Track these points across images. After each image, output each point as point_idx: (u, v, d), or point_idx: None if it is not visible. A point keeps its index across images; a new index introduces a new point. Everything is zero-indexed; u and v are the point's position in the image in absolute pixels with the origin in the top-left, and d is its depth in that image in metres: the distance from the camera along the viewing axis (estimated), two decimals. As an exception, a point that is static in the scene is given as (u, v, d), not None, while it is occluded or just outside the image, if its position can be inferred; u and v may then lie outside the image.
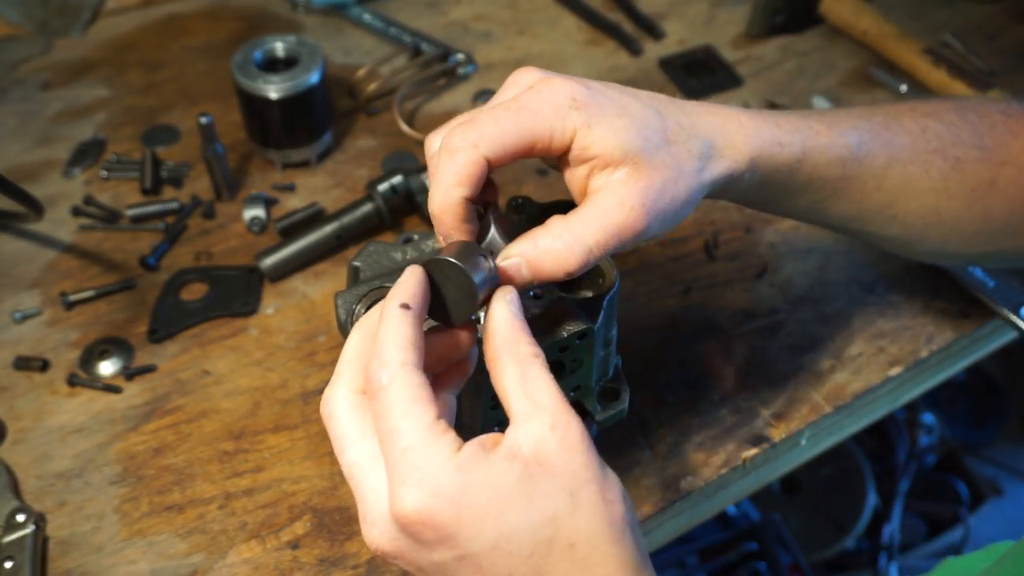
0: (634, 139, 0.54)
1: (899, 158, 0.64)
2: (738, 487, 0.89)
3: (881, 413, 0.98)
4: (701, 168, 0.57)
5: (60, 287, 0.94)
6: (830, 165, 0.62)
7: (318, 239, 0.96)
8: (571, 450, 0.48)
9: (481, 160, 0.53)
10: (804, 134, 0.61)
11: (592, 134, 0.54)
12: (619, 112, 0.55)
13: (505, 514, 0.46)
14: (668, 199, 0.55)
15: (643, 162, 0.54)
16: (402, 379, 0.48)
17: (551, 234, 0.54)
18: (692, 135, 0.57)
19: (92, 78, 1.17)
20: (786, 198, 0.64)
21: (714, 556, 1.55)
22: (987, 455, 1.97)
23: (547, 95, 0.54)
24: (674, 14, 1.29)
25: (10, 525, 0.75)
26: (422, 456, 0.46)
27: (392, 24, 1.25)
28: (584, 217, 0.54)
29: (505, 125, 0.53)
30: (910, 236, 0.68)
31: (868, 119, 0.65)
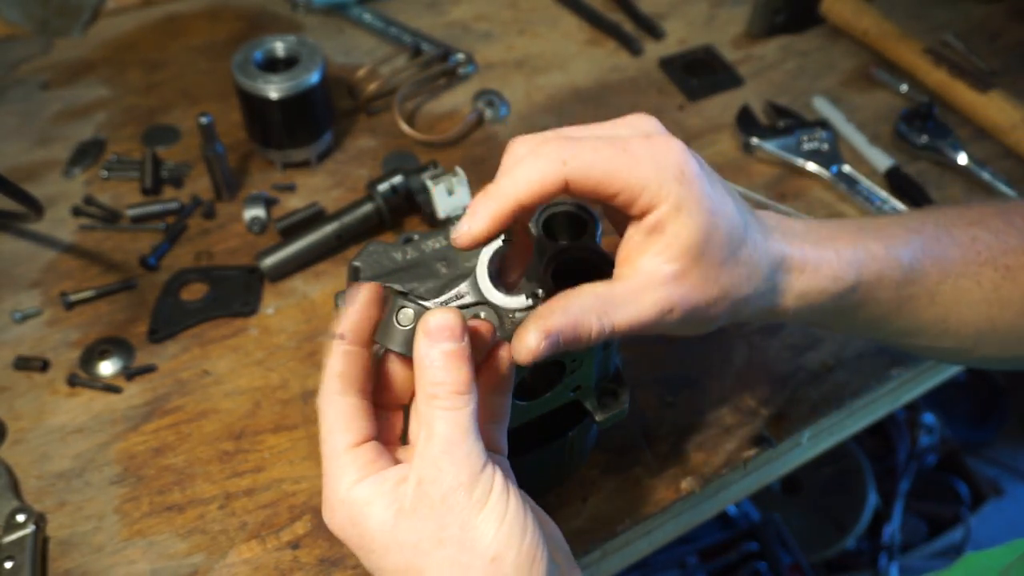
0: (709, 242, 0.52)
1: (951, 272, 0.64)
2: (738, 487, 0.89)
3: (881, 413, 0.98)
4: (747, 298, 0.56)
5: (60, 287, 0.94)
6: (884, 288, 0.62)
7: (318, 239, 0.96)
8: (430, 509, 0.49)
9: (561, 178, 0.51)
10: (860, 261, 0.61)
11: (678, 216, 0.51)
12: (714, 208, 0.53)
13: (370, 553, 0.51)
14: (701, 313, 0.54)
15: (700, 268, 0.53)
16: (323, 409, 0.53)
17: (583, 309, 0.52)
18: (759, 262, 0.56)
19: (92, 78, 1.17)
20: (837, 321, 0.64)
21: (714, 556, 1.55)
22: (987, 455, 1.98)
23: (659, 152, 0.52)
24: (674, 14, 1.29)
25: (10, 525, 0.75)
26: (327, 483, 0.52)
27: (392, 24, 1.25)
28: (621, 303, 0.52)
29: (603, 157, 0.51)
30: (965, 346, 0.68)
31: (919, 232, 0.65)
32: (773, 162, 1.09)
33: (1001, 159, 1.10)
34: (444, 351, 0.50)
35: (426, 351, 0.50)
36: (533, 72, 1.20)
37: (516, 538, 0.50)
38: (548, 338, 0.51)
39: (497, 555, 0.49)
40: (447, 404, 0.50)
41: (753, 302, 0.57)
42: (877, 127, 1.13)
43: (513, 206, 0.52)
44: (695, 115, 1.15)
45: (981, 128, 1.13)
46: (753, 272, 0.55)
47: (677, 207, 0.51)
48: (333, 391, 0.53)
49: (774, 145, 1.08)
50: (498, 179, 0.52)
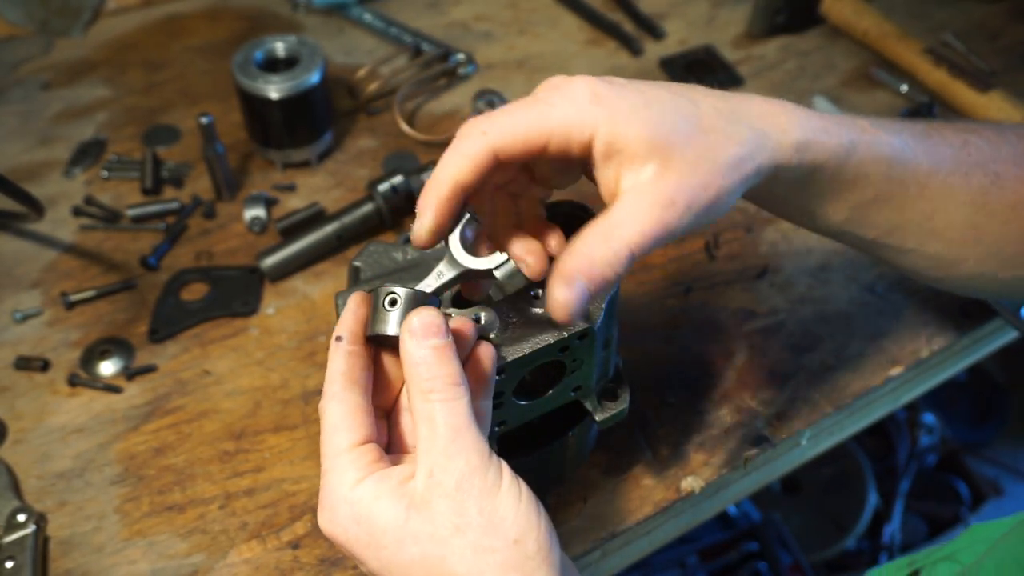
0: (661, 130, 0.51)
1: (941, 167, 0.64)
2: (738, 487, 0.89)
3: (881, 413, 0.98)
4: (743, 157, 0.54)
5: (61, 287, 0.94)
6: (876, 162, 0.60)
7: (318, 239, 0.96)
8: (446, 498, 0.49)
9: (486, 149, 0.52)
10: (850, 127, 0.60)
11: (615, 128, 0.51)
12: (645, 103, 0.52)
13: (380, 549, 0.50)
14: (704, 192, 0.52)
15: (674, 155, 0.51)
16: (326, 409, 0.53)
17: (589, 244, 0.51)
18: (732, 120, 0.54)
19: (93, 78, 1.17)
20: (831, 197, 0.61)
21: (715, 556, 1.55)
22: (988, 455, 1.97)
23: (566, 90, 0.53)
24: (675, 14, 1.29)
25: (11, 525, 0.75)
26: (328, 481, 0.52)
27: (392, 24, 1.25)
28: (620, 222, 0.51)
29: (518, 117, 0.52)
30: (949, 254, 0.67)
31: (910, 127, 0.64)
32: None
33: (1001, 159, 1.10)
34: (432, 346, 0.50)
35: (414, 349, 0.50)
36: (533, 72, 1.20)
37: (534, 520, 0.50)
38: (571, 284, 0.51)
39: (519, 537, 0.49)
40: (445, 395, 0.50)
41: (751, 159, 0.54)
42: (877, 127, 1.13)
43: (450, 190, 0.53)
44: (695, 115, 1.15)
45: (981, 128, 1.13)
46: (730, 133, 0.54)
47: (611, 121, 0.51)
48: (336, 390, 0.53)
49: (774, 145, 1.08)
50: (437, 168, 0.54)
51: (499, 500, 0.49)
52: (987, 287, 0.72)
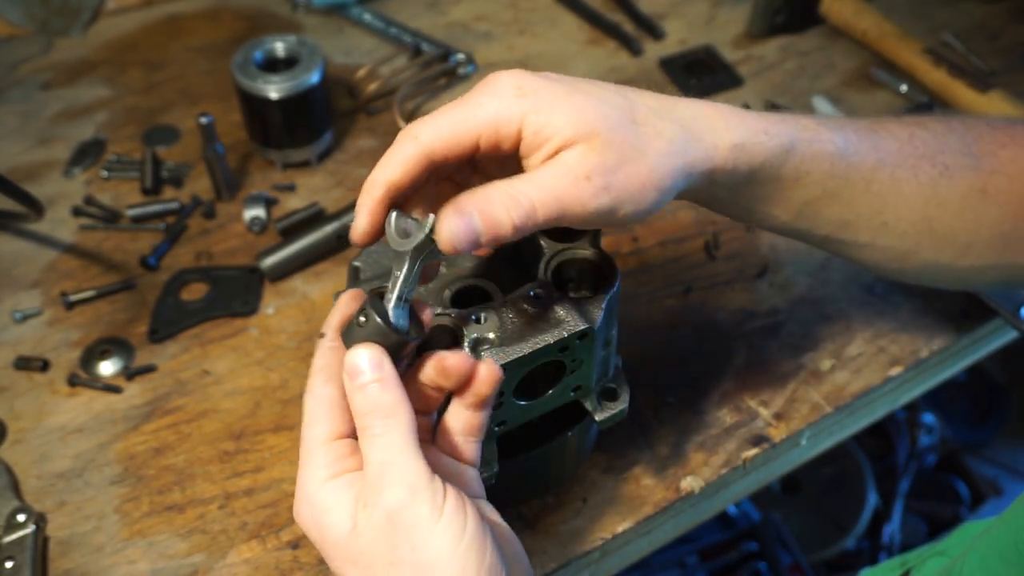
0: (588, 116, 0.52)
1: (887, 161, 0.64)
2: (738, 487, 0.89)
3: (881, 413, 0.98)
4: (671, 152, 0.54)
5: (60, 287, 0.94)
6: (818, 158, 0.61)
7: (318, 239, 0.96)
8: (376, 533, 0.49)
9: (419, 153, 0.52)
10: (791, 127, 0.60)
11: (540, 118, 0.52)
12: (571, 92, 0.53)
13: (331, 559, 0.51)
14: (626, 177, 0.52)
15: (600, 138, 0.52)
16: (305, 403, 0.54)
17: (493, 187, 0.52)
18: (664, 117, 0.55)
19: (92, 78, 1.17)
20: (776, 198, 0.62)
21: (714, 556, 1.55)
22: (987, 455, 1.97)
23: (492, 87, 0.54)
24: (674, 14, 1.29)
25: (10, 525, 0.75)
26: (301, 474, 0.52)
27: (392, 24, 1.25)
28: (530, 179, 0.52)
29: (446, 118, 0.53)
30: (903, 246, 0.67)
31: (853, 124, 0.65)
32: (773, 162, 1.08)
33: (1001, 159, 1.10)
34: (360, 385, 0.51)
35: (348, 389, 0.52)
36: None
37: (474, 560, 0.48)
38: (462, 213, 0.50)
39: None
40: (376, 431, 0.50)
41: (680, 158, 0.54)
42: (877, 127, 1.13)
43: (383, 193, 0.53)
44: (695, 115, 1.15)
45: (981, 128, 1.13)
46: (660, 128, 0.54)
47: (536, 111, 0.52)
48: (314, 385, 0.54)
49: (774, 145, 1.08)
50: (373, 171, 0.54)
51: (434, 538, 0.48)
52: (944, 276, 0.72)
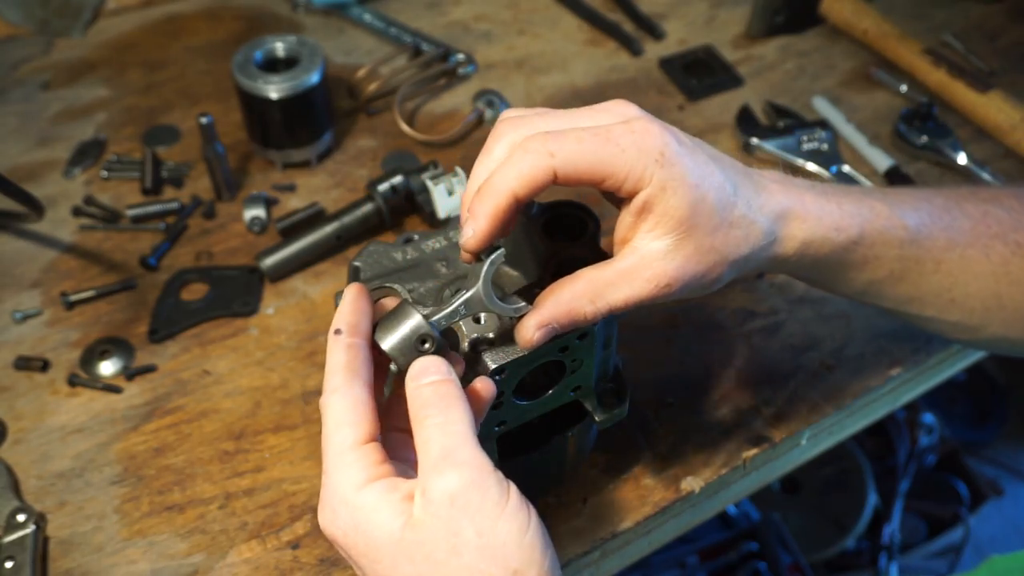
0: (696, 210, 0.54)
1: (958, 241, 0.64)
2: (738, 487, 0.89)
3: (881, 413, 0.98)
4: (748, 257, 0.57)
5: (60, 287, 0.94)
6: (887, 245, 0.62)
7: (318, 239, 0.96)
8: (437, 518, 0.48)
9: (550, 170, 0.52)
10: (864, 216, 0.61)
11: (663, 196, 0.53)
12: (698, 182, 0.54)
13: (375, 563, 0.49)
14: (698, 280, 0.56)
15: (693, 239, 0.54)
16: (329, 404, 0.52)
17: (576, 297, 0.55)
18: (755, 220, 0.57)
19: (92, 78, 1.17)
20: (840, 278, 0.64)
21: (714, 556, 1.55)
22: (987, 455, 1.98)
23: (640, 137, 0.53)
24: (674, 14, 1.29)
25: (11, 525, 0.75)
26: (331, 479, 0.51)
27: (392, 24, 1.25)
28: (613, 283, 0.55)
29: (588, 148, 0.52)
30: (971, 321, 0.67)
31: (929, 201, 0.65)
32: (773, 162, 1.09)
33: (1001, 159, 1.10)
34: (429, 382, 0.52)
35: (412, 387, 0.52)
36: (533, 72, 1.20)
37: (539, 553, 0.48)
38: (543, 328, 0.55)
39: (520, 568, 0.47)
40: (438, 419, 0.50)
41: (754, 257, 0.58)
42: (877, 127, 1.14)
43: (509, 201, 0.53)
44: (695, 115, 1.15)
45: (981, 128, 1.13)
46: (750, 230, 0.56)
47: (661, 187, 0.53)
48: (338, 384, 0.52)
49: (774, 145, 1.08)
50: (490, 176, 0.53)
51: (501, 523, 0.47)
52: (1017, 349, 0.72)
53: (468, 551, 0.47)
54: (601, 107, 0.57)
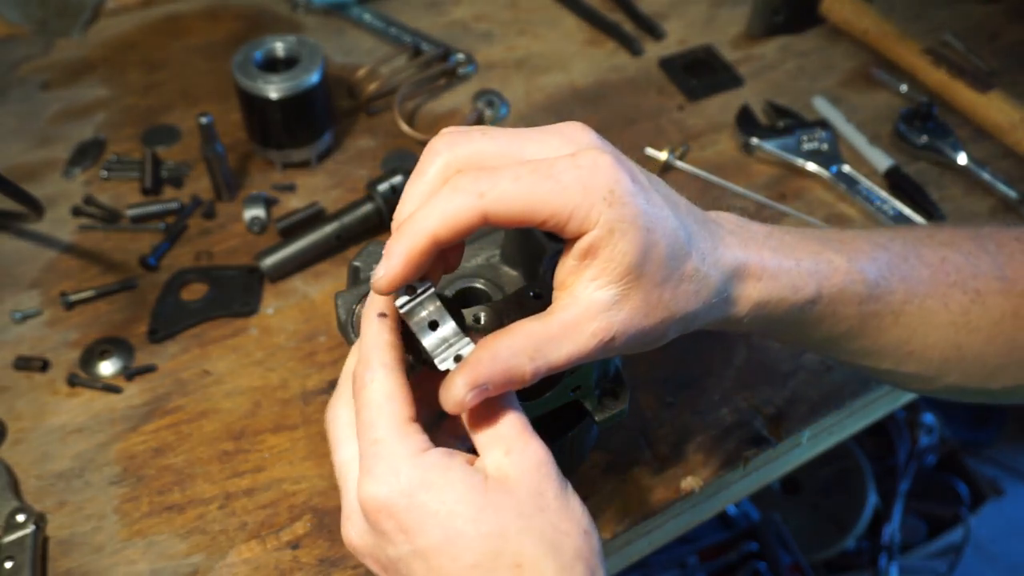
0: (645, 259, 0.49)
1: (917, 292, 0.62)
2: (738, 487, 0.89)
3: (881, 413, 0.98)
4: (697, 314, 0.53)
5: (60, 287, 0.94)
6: (846, 303, 0.59)
7: (318, 239, 0.96)
8: (526, 475, 0.49)
9: (478, 213, 0.48)
10: (822, 273, 0.58)
11: (611, 239, 0.48)
12: (651, 226, 0.49)
13: (453, 517, 0.48)
14: (643, 337, 0.52)
15: (640, 291, 0.50)
16: (380, 378, 0.51)
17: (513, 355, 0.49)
18: (708, 275, 0.53)
19: (92, 78, 1.17)
20: (794, 335, 0.62)
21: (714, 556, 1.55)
22: (987, 455, 1.97)
23: (586, 173, 0.48)
24: (674, 14, 1.29)
25: (10, 525, 0.75)
26: (388, 449, 0.49)
27: (392, 24, 1.25)
28: (554, 339, 0.50)
29: (524, 188, 0.47)
30: (929, 372, 0.65)
31: (886, 248, 0.62)
32: (773, 162, 1.09)
33: (1001, 159, 1.10)
34: None
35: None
36: (533, 72, 1.20)
37: (593, 521, 0.51)
38: (475, 389, 0.49)
39: (589, 529, 0.50)
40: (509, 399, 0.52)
41: (704, 315, 0.54)
42: (877, 127, 1.13)
43: (428, 244, 0.49)
44: (695, 115, 1.15)
45: (981, 128, 1.13)
46: (701, 286, 0.52)
47: (609, 229, 0.48)
48: (387, 360, 0.52)
49: (774, 145, 1.08)
50: (412, 214, 0.49)
51: (568, 492, 0.51)
52: (973, 397, 0.70)
53: (551, 510, 0.49)
54: (553, 130, 0.52)
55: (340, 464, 0.54)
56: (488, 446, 0.51)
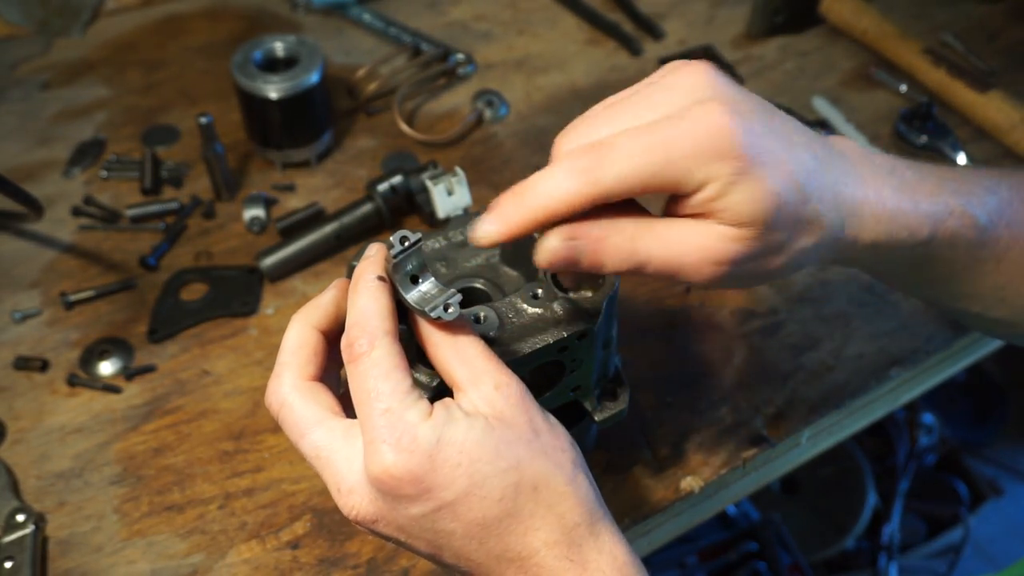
0: (764, 209, 0.49)
1: (1019, 237, 0.62)
2: (738, 487, 0.89)
3: (881, 413, 0.98)
4: (810, 250, 0.53)
5: (60, 287, 0.94)
6: (955, 247, 0.59)
7: (318, 239, 0.96)
8: (518, 406, 0.52)
9: (594, 194, 0.49)
10: (938, 216, 0.58)
11: (725, 195, 0.49)
12: (765, 175, 0.49)
13: (476, 463, 0.49)
14: (755, 268, 0.52)
15: (757, 238, 0.50)
16: (384, 346, 0.51)
17: (619, 227, 0.50)
18: (824, 215, 0.52)
19: (92, 78, 1.17)
20: (897, 272, 0.62)
21: (714, 556, 1.55)
22: (987, 455, 1.98)
23: (699, 133, 0.48)
24: (674, 14, 1.29)
25: (10, 525, 0.75)
26: (400, 416, 0.49)
27: (392, 24, 1.25)
28: (662, 235, 0.50)
29: (639, 166, 0.48)
30: (1015, 319, 0.65)
31: (995, 192, 0.62)
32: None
33: (1001, 159, 1.10)
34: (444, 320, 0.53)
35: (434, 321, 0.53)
36: (533, 72, 1.20)
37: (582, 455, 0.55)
38: (568, 242, 0.50)
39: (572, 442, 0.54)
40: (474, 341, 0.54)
41: (818, 250, 0.54)
42: (877, 127, 1.14)
43: (542, 216, 0.50)
44: (695, 115, 1.15)
45: (980, 128, 1.13)
46: (816, 224, 0.52)
47: (724, 184, 0.48)
48: (390, 328, 0.52)
49: (774, 145, 1.08)
50: (533, 183, 0.50)
51: (546, 413, 0.54)
52: None
53: (544, 432, 0.52)
54: (669, 85, 0.52)
55: (315, 445, 0.53)
56: (474, 382, 0.52)
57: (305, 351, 0.56)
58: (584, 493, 0.53)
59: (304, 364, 0.56)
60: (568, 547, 0.51)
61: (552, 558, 0.51)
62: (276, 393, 0.56)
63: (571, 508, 0.52)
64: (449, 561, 0.53)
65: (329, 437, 0.53)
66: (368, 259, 0.54)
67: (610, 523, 0.54)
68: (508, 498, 0.50)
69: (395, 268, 0.53)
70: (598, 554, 0.52)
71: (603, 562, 0.52)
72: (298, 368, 0.56)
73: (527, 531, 0.51)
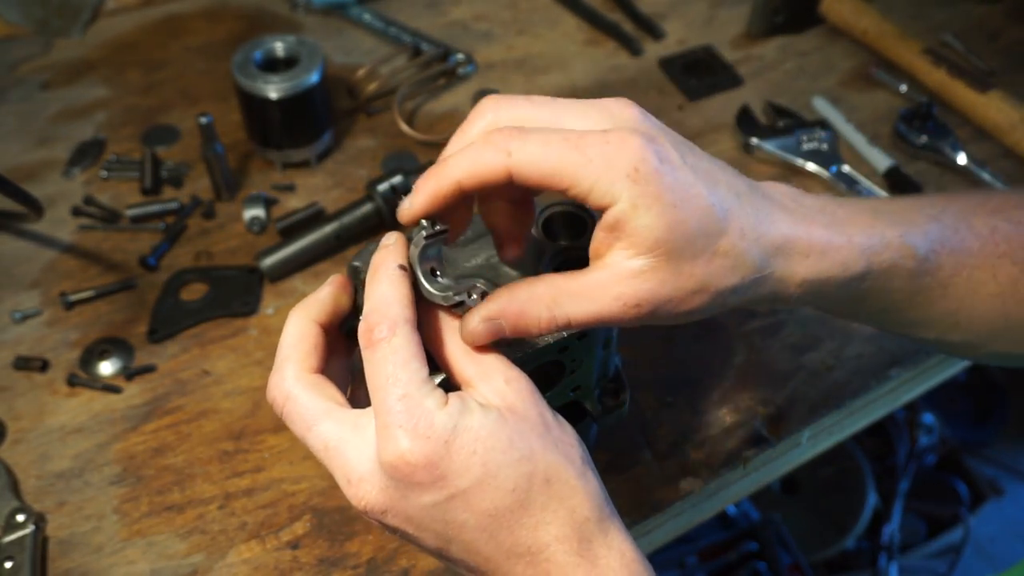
0: (674, 235, 0.50)
1: (966, 264, 0.62)
2: (738, 487, 0.89)
3: (881, 413, 0.98)
4: (736, 288, 0.53)
5: (60, 287, 0.94)
6: (895, 278, 0.59)
7: (318, 239, 0.96)
8: (528, 400, 0.53)
9: (504, 169, 0.50)
10: (873, 249, 0.58)
11: (635, 214, 0.49)
12: (677, 203, 0.50)
13: (490, 452, 0.50)
14: (674, 307, 0.52)
15: (670, 264, 0.50)
16: (404, 334, 0.51)
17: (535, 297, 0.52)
18: (746, 251, 0.52)
19: (92, 78, 1.17)
20: (840, 308, 0.62)
21: (714, 556, 1.55)
22: (987, 455, 1.98)
23: (613, 149, 0.49)
24: (674, 14, 1.29)
25: (10, 525, 0.75)
26: (419, 403, 0.50)
27: (392, 24, 1.25)
28: (577, 293, 0.51)
29: (551, 153, 0.50)
30: (976, 340, 0.65)
31: (938, 220, 0.62)
32: (773, 162, 1.09)
33: (1000, 159, 1.10)
34: None
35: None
36: (533, 72, 1.20)
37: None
38: (487, 323, 0.52)
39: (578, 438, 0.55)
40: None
41: (744, 290, 0.53)
42: (877, 127, 1.14)
43: (452, 188, 0.52)
44: (695, 115, 1.15)
45: (980, 128, 1.13)
46: (738, 262, 0.52)
47: (633, 204, 0.49)
48: (410, 316, 0.52)
49: (774, 145, 1.08)
50: (445, 159, 0.53)
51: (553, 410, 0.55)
52: (1016, 361, 0.70)
53: (553, 427, 0.53)
54: (597, 104, 0.53)
55: (323, 437, 0.53)
56: (484, 377, 0.53)
57: (306, 344, 0.57)
58: (593, 488, 0.53)
59: (305, 357, 0.56)
60: (578, 542, 0.51)
61: (562, 553, 0.51)
62: (279, 387, 0.56)
63: (581, 502, 0.52)
64: (456, 556, 0.52)
65: (338, 428, 0.53)
66: (387, 247, 0.54)
67: (618, 521, 0.54)
68: (521, 488, 0.50)
69: (422, 252, 0.53)
70: (607, 551, 0.52)
71: (612, 559, 0.52)
72: (300, 361, 0.56)
73: (538, 524, 0.51)
